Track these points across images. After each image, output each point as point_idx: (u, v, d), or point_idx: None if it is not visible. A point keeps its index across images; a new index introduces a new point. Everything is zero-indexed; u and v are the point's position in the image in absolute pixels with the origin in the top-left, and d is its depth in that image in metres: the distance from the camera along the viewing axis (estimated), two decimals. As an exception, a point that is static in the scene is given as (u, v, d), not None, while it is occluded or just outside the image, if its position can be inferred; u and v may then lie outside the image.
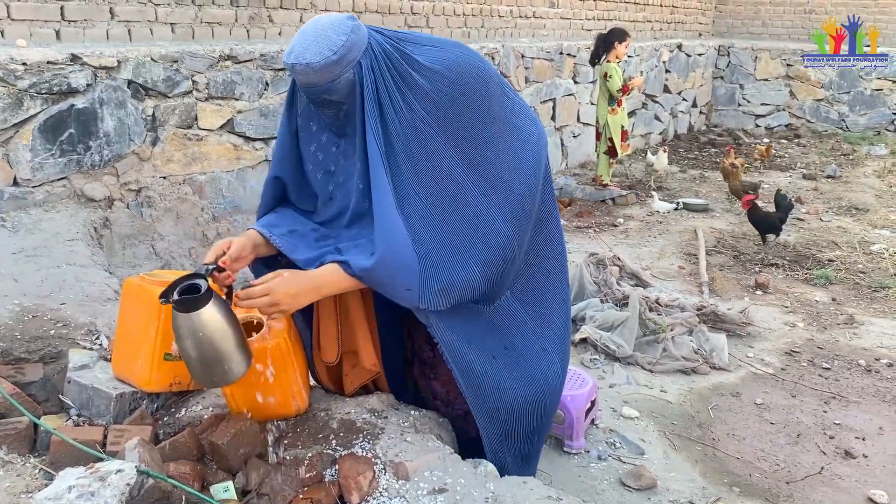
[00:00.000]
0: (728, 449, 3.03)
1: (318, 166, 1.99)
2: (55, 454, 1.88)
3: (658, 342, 3.76)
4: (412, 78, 1.82)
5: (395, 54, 1.83)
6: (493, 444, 2.13)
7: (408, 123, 1.82)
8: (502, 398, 2.07)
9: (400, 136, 1.82)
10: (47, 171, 3.65)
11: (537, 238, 2.11)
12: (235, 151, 4.55)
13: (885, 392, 3.50)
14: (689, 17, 11.11)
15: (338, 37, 1.74)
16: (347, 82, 1.78)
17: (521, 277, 2.09)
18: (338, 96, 1.80)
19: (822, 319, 4.32)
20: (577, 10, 8.45)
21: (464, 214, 1.88)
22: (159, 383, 2.17)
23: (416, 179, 1.84)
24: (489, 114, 1.93)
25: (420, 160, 1.84)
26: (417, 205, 1.84)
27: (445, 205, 1.86)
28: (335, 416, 2.12)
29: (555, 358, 2.17)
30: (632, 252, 5.44)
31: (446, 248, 1.86)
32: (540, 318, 2.15)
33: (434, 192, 1.85)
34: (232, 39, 4.81)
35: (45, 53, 3.61)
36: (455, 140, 1.87)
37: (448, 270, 1.85)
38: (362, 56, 1.78)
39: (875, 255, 5.45)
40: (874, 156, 9.02)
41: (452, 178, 1.87)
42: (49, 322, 2.59)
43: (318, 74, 1.75)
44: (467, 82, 1.88)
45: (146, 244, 4.10)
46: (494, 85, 1.96)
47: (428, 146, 1.84)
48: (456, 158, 1.87)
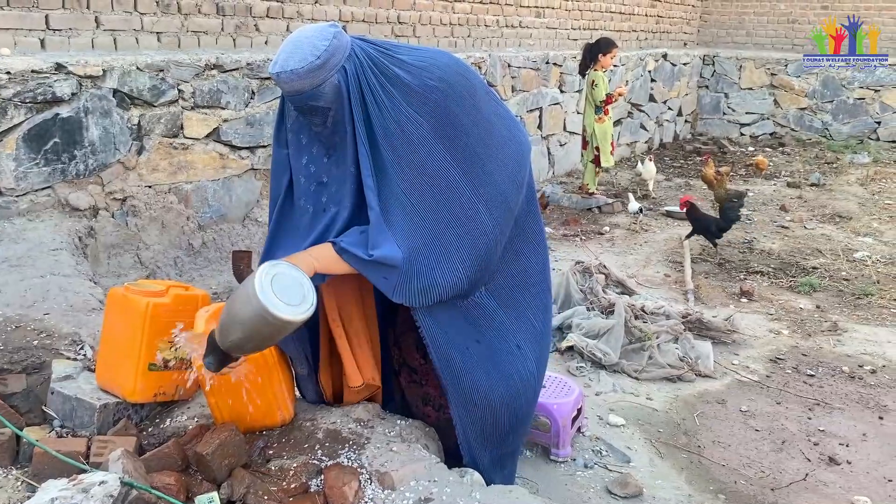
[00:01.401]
0: (714, 456, 3.04)
1: (311, 178, 1.99)
2: (38, 466, 1.87)
3: (644, 350, 3.78)
4: (398, 77, 1.84)
5: (380, 57, 1.85)
6: (470, 442, 2.14)
7: (395, 122, 1.83)
8: (477, 393, 2.08)
9: (387, 135, 1.84)
10: (31, 180, 3.63)
11: (516, 238, 2.12)
12: (221, 160, 4.54)
13: (868, 399, 3.52)
14: (674, 26, 11.19)
15: (320, 42, 1.76)
16: (333, 87, 1.80)
17: (497, 274, 2.10)
18: (324, 101, 1.82)
19: (807, 326, 4.35)
20: (563, 19, 8.50)
21: (453, 214, 1.89)
22: (144, 394, 2.16)
23: (403, 178, 1.85)
24: (477, 109, 1.95)
25: (407, 158, 1.85)
26: (404, 204, 1.85)
27: (434, 204, 1.88)
28: (321, 426, 2.12)
29: (529, 356, 2.17)
30: (618, 260, 5.47)
31: (434, 248, 1.88)
32: (515, 315, 2.15)
33: (423, 191, 1.87)
34: (218, 48, 4.81)
35: (29, 62, 3.60)
36: (444, 136, 1.88)
37: (432, 272, 1.87)
38: (346, 60, 1.80)
39: (858, 262, 5.50)
40: (857, 164, 9.12)
41: (443, 175, 1.88)
42: (32, 332, 2.57)
43: (303, 80, 1.77)
44: (453, 77, 1.90)
45: (131, 253, 4.08)
46: (480, 86, 1.99)
47: (416, 144, 1.85)
48: (446, 155, 1.88)
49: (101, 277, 3.71)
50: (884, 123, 10.15)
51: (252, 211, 4.79)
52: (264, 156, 4.77)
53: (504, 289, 2.12)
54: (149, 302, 2.09)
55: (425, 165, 1.86)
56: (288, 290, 1.78)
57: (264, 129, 4.72)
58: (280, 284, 1.78)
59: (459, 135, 1.90)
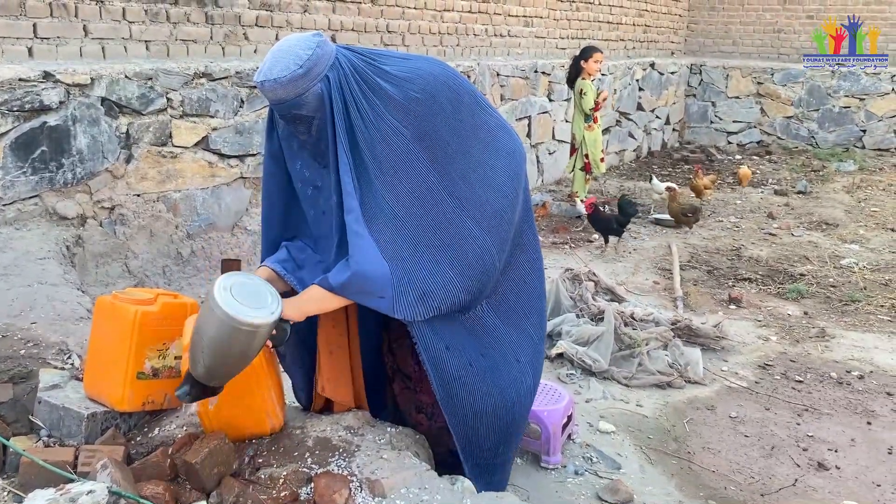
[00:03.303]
0: (703, 462, 3.05)
1: (307, 183, 2.02)
2: (25, 475, 1.85)
3: (633, 356, 3.79)
4: (381, 88, 1.84)
5: (364, 67, 1.86)
6: (463, 448, 2.14)
7: (377, 132, 1.84)
8: (472, 403, 2.08)
9: (369, 145, 1.84)
10: (18, 188, 3.61)
11: (513, 250, 2.13)
12: (210, 169, 4.53)
13: (856, 404, 3.54)
14: (661, 36, 11.27)
15: (303, 51, 1.78)
16: (315, 96, 1.81)
17: (497, 288, 2.10)
18: (307, 110, 1.83)
19: (795, 333, 4.38)
20: (552, 29, 8.55)
21: (437, 222, 1.90)
22: (132, 402, 2.14)
23: (387, 188, 1.86)
24: (460, 121, 1.95)
25: (390, 168, 1.86)
26: (388, 214, 1.85)
27: (418, 212, 1.88)
28: (311, 433, 2.11)
29: (528, 371, 2.19)
30: (607, 267, 5.48)
31: (421, 255, 1.87)
32: (516, 330, 2.17)
33: (406, 200, 1.87)
34: (207, 57, 4.80)
35: (16, 70, 3.58)
36: (427, 146, 1.89)
37: (424, 278, 1.87)
38: (329, 70, 1.81)
39: (845, 269, 5.54)
40: (843, 172, 9.19)
41: (425, 185, 1.88)
42: (19, 342, 2.56)
43: (285, 89, 1.78)
44: (437, 89, 1.90)
45: (119, 262, 4.06)
46: (466, 94, 1.99)
47: (399, 154, 1.86)
48: (428, 165, 1.89)
49: (88, 286, 3.68)
50: (869, 132, 10.25)
51: (241, 219, 4.78)
52: (253, 164, 4.76)
53: (503, 302, 2.14)
54: (137, 310, 2.08)
55: (410, 176, 1.87)
56: (250, 296, 1.78)
57: (253, 137, 4.71)
58: (241, 292, 1.77)
59: (440, 146, 1.91)
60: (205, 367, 1.80)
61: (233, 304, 1.73)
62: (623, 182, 8.51)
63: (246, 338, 1.77)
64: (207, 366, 1.80)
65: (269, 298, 1.81)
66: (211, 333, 1.75)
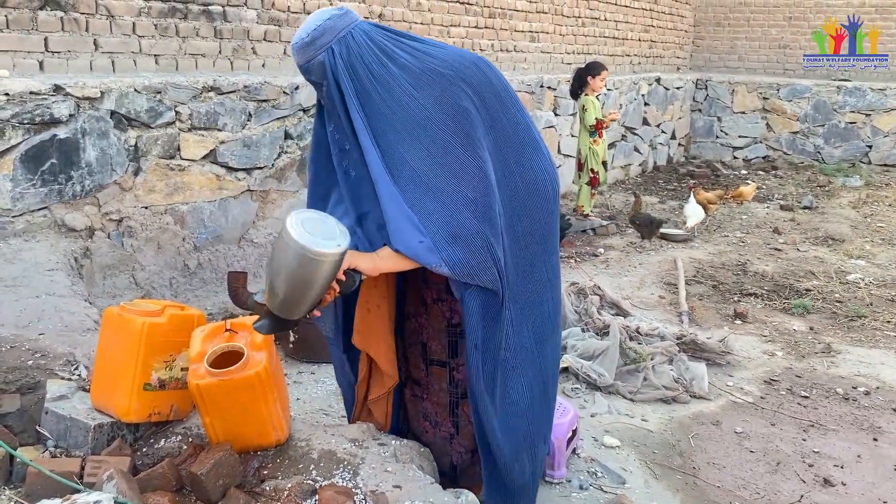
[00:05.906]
0: (708, 477, 3.04)
1: (335, 144, 2.08)
2: (31, 485, 1.86)
3: (639, 371, 3.78)
4: (398, 58, 1.92)
5: (385, 41, 1.94)
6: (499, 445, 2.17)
7: (390, 96, 1.91)
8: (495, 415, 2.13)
9: (383, 107, 1.91)
10: (28, 200, 3.64)
11: (545, 266, 2.19)
12: (218, 182, 4.56)
13: (862, 420, 3.53)
14: (667, 51, 11.32)
15: (315, 22, 1.90)
16: (319, 64, 1.91)
17: (531, 310, 2.17)
18: (315, 76, 1.95)
19: (801, 348, 4.37)
20: (557, 44, 8.59)
21: (451, 170, 1.93)
22: (139, 413, 2.15)
23: (405, 146, 1.91)
24: (488, 107, 1.99)
25: (408, 126, 1.91)
26: (408, 172, 1.91)
27: (438, 166, 1.92)
28: (315, 446, 2.12)
29: (552, 405, 2.35)
30: (612, 282, 5.48)
31: (439, 202, 1.91)
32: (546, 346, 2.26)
33: (425, 156, 1.92)
34: (215, 71, 4.85)
35: (27, 84, 3.62)
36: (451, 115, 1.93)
37: (447, 219, 1.91)
38: (337, 42, 1.90)
39: (851, 284, 5.53)
40: (849, 187, 9.18)
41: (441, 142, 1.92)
42: (27, 352, 2.57)
43: (297, 55, 1.93)
44: (463, 66, 1.96)
45: (127, 274, 4.09)
46: (498, 84, 2.04)
47: (413, 115, 1.91)
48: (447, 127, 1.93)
49: (96, 298, 3.71)
50: (875, 147, 10.24)
51: (248, 232, 4.81)
52: (261, 177, 4.80)
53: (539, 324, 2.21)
54: (145, 321, 2.10)
55: (427, 132, 1.92)
56: (320, 229, 1.83)
57: (261, 150, 4.75)
58: (311, 226, 1.82)
59: (463, 115, 1.94)
60: (283, 298, 1.85)
61: (305, 236, 1.79)
62: (628, 197, 8.51)
63: (319, 270, 1.81)
64: (284, 297, 1.85)
65: (339, 234, 1.86)
66: (285, 263, 1.81)
